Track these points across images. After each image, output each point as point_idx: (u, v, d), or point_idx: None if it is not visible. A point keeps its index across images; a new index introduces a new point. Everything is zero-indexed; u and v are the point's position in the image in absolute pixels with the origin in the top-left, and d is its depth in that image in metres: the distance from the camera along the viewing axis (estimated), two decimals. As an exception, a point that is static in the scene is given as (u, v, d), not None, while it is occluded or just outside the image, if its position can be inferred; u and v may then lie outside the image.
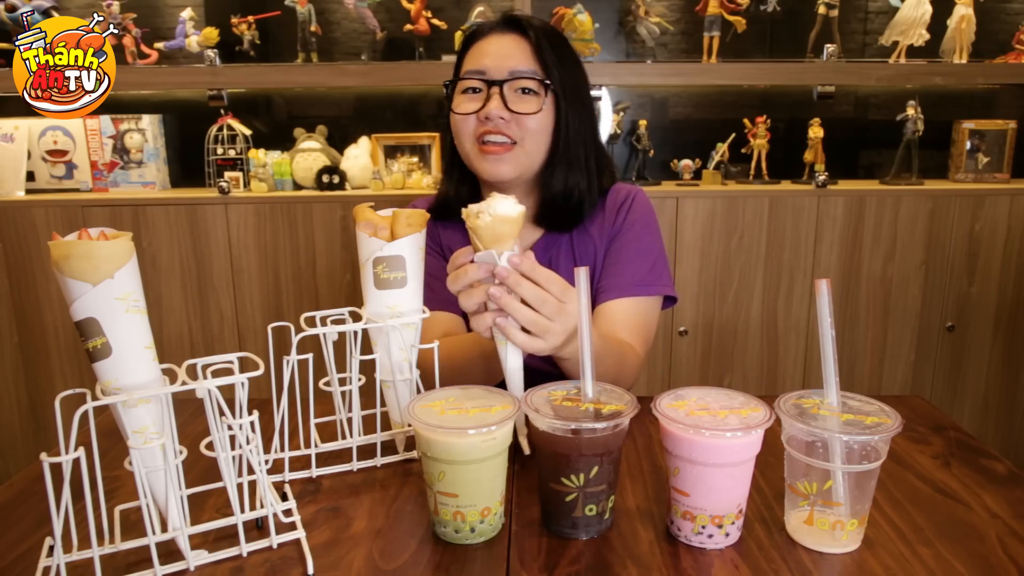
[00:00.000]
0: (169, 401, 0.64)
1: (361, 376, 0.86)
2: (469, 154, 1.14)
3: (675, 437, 0.67)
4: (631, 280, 1.15)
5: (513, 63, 1.11)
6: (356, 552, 0.69)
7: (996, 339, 2.14)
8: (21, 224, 2.03)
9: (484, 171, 1.12)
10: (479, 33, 1.17)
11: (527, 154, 1.12)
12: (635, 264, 1.16)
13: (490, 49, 1.13)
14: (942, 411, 1.04)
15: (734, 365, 2.14)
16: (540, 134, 1.12)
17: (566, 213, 1.17)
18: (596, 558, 0.67)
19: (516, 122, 1.10)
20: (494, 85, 1.10)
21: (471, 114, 1.11)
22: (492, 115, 1.09)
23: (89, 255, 0.59)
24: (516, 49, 1.12)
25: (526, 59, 1.11)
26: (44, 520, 0.71)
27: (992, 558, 0.67)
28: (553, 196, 1.15)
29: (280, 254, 2.06)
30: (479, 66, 1.12)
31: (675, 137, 2.43)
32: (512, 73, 1.10)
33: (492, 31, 1.15)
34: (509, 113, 1.09)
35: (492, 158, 1.10)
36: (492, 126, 1.09)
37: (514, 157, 1.11)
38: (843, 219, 2.06)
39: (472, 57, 1.15)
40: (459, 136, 1.14)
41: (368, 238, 0.84)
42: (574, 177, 1.15)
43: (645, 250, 1.18)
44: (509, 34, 1.14)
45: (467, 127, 1.12)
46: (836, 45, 2.13)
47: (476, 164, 1.13)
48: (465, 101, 1.13)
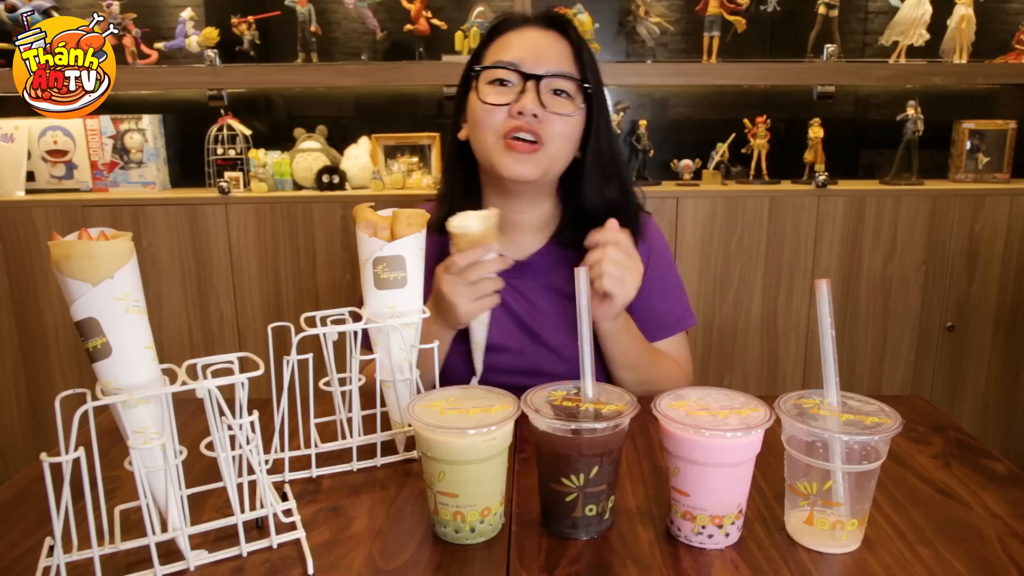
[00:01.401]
0: (169, 401, 0.64)
1: (361, 376, 0.86)
2: (491, 149, 1.05)
3: (675, 437, 0.67)
4: (664, 322, 1.16)
5: (551, 61, 1.05)
6: (356, 552, 0.69)
7: (996, 339, 2.14)
8: (21, 224, 2.03)
9: (506, 168, 1.04)
10: (510, 24, 1.10)
11: (551, 157, 1.06)
12: (665, 304, 1.16)
13: (526, 43, 1.07)
14: (942, 411, 1.04)
15: (734, 365, 2.14)
16: (568, 139, 1.07)
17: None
18: (596, 558, 0.67)
19: (547, 122, 1.03)
20: (530, 79, 1.03)
21: (502, 106, 1.04)
22: (527, 110, 1.02)
23: (89, 255, 0.59)
24: (555, 47, 1.07)
25: (565, 60, 1.06)
26: (44, 520, 0.71)
27: (992, 558, 0.67)
28: (592, 210, 1.09)
29: (280, 254, 2.06)
30: (513, 58, 1.05)
31: (675, 137, 2.43)
32: (550, 71, 1.04)
33: (528, 24, 1.09)
34: (543, 111, 1.03)
35: (517, 155, 1.03)
36: (524, 122, 1.02)
37: (538, 159, 1.05)
38: (843, 219, 2.06)
39: (502, 47, 1.07)
40: (482, 127, 1.06)
41: (368, 238, 0.84)
42: (611, 188, 1.11)
43: (671, 286, 1.18)
44: (548, 31, 1.08)
45: (494, 119, 1.04)
46: (836, 45, 2.13)
47: (497, 159, 1.05)
48: (493, 92, 1.06)
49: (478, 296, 0.96)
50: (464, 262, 0.94)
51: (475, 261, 0.94)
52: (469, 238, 0.93)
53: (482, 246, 0.94)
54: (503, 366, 1.08)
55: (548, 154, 1.05)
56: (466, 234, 0.93)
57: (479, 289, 0.95)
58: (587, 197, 1.11)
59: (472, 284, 0.95)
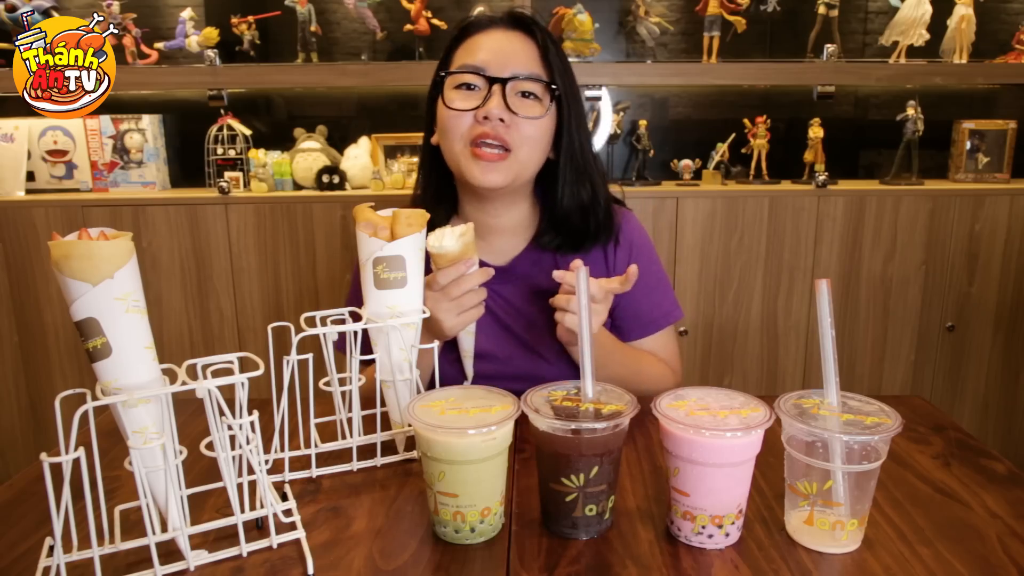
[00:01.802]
0: (169, 401, 0.64)
1: (361, 376, 0.86)
2: (459, 156, 1.04)
3: (675, 437, 0.67)
4: (651, 317, 1.16)
5: (517, 63, 1.03)
6: (356, 552, 0.69)
7: (996, 339, 2.14)
8: (21, 224, 2.03)
9: (473, 177, 1.03)
10: (477, 26, 1.07)
11: (520, 163, 1.04)
12: (650, 299, 1.16)
13: (491, 45, 1.05)
14: (942, 411, 1.04)
15: (734, 365, 2.14)
16: (537, 141, 1.05)
17: (583, 228, 1.11)
18: (596, 558, 0.67)
19: (515, 126, 1.02)
20: (496, 83, 1.01)
21: (467, 111, 1.02)
22: (492, 115, 1.00)
23: (89, 255, 0.59)
24: (521, 49, 1.05)
25: (531, 61, 1.04)
26: (44, 520, 0.71)
27: (992, 558, 0.67)
28: (566, 211, 1.10)
29: (280, 254, 2.06)
30: (478, 61, 1.03)
31: (675, 137, 2.43)
32: (516, 73, 1.02)
33: (493, 26, 1.07)
34: (510, 115, 1.01)
35: (484, 164, 1.02)
36: (490, 128, 1.01)
37: (507, 166, 1.03)
38: (843, 219, 2.06)
39: (468, 51, 1.06)
40: (448, 133, 1.05)
41: (368, 238, 0.84)
42: (584, 189, 1.10)
43: (655, 283, 1.17)
44: (513, 32, 1.06)
45: (460, 125, 1.03)
46: (836, 45, 2.13)
47: (465, 168, 1.04)
48: (459, 97, 1.04)
49: (462, 310, 0.96)
50: (445, 280, 0.93)
51: (456, 277, 0.94)
52: (448, 257, 0.93)
53: (462, 261, 0.94)
54: (491, 373, 1.07)
55: (517, 161, 1.04)
56: (444, 254, 0.93)
57: (462, 303, 0.95)
58: (561, 199, 1.10)
59: (455, 299, 0.95)
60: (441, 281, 0.94)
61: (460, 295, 0.94)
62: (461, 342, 1.03)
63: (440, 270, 0.94)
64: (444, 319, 0.95)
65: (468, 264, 0.94)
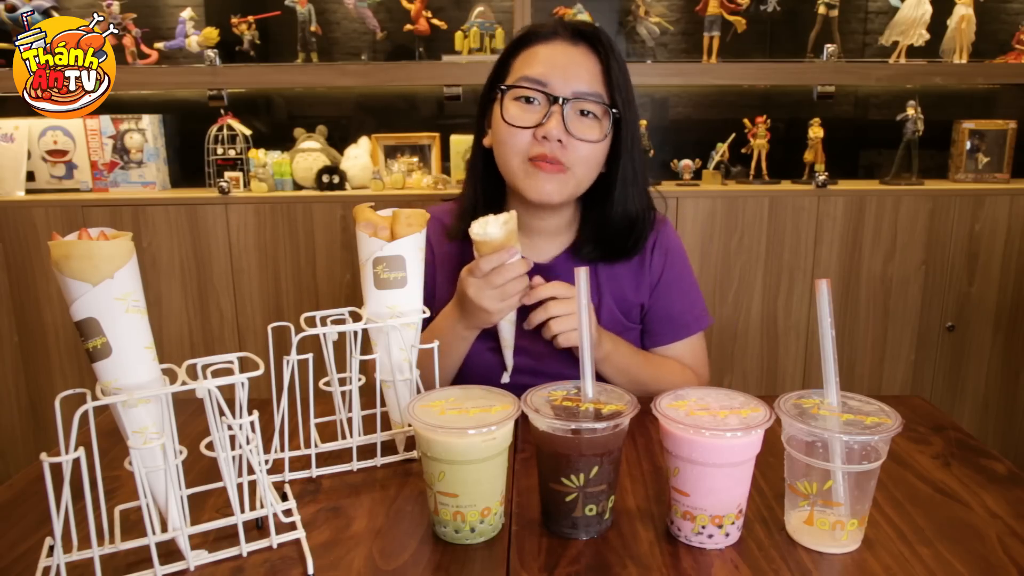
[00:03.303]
0: (169, 401, 0.64)
1: (361, 376, 0.86)
2: (516, 171, 1.05)
3: (675, 437, 0.67)
4: (682, 322, 1.17)
5: (579, 81, 1.02)
6: (356, 552, 0.69)
7: (996, 339, 2.14)
8: (21, 224, 2.03)
9: (531, 191, 1.04)
10: (539, 36, 1.06)
11: (576, 181, 1.05)
12: (682, 304, 1.17)
13: (554, 58, 1.03)
14: (942, 411, 1.04)
15: (734, 365, 2.14)
16: (594, 161, 1.05)
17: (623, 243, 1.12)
18: (596, 558, 0.67)
19: (572, 148, 1.02)
20: (556, 102, 1.01)
21: (527, 128, 1.02)
22: (551, 135, 1.00)
23: (89, 255, 0.59)
24: (584, 66, 1.03)
25: (594, 79, 1.03)
26: (44, 520, 0.71)
27: (992, 558, 0.67)
28: (612, 226, 1.10)
29: (280, 254, 2.06)
30: (539, 75, 1.02)
31: (675, 137, 2.43)
32: (577, 93, 1.01)
33: (557, 37, 1.05)
34: (568, 137, 1.01)
35: (543, 176, 1.02)
36: (547, 148, 1.01)
37: (563, 180, 1.04)
38: (843, 219, 2.06)
39: (529, 62, 1.04)
40: (505, 147, 1.05)
41: (368, 238, 0.84)
42: (634, 206, 1.10)
43: (687, 289, 1.18)
44: (578, 46, 1.05)
45: (518, 141, 1.03)
46: (836, 45, 2.13)
47: (522, 182, 1.04)
48: (519, 111, 1.03)
49: (505, 298, 0.97)
50: (488, 266, 0.94)
51: (499, 265, 0.95)
52: (491, 244, 0.94)
53: (505, 249, 0.94)
54: (519, 367, 1.08)
55: (574, 178, 1.05)
56: (488, 241, 0.94)
57: (505, 291, 0.96)
58: (612, 216, 1.10)
59: (498, 287, 0.95)
60: (484, 268, 0.94)
61: (503, 283, 0.95)
62: (502, 331, 1.03)
63: (483, 257, 0.95)
64: (488, 306, 0.96)
65: (511, 252, 0.95)
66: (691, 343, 1.18)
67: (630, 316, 1.16)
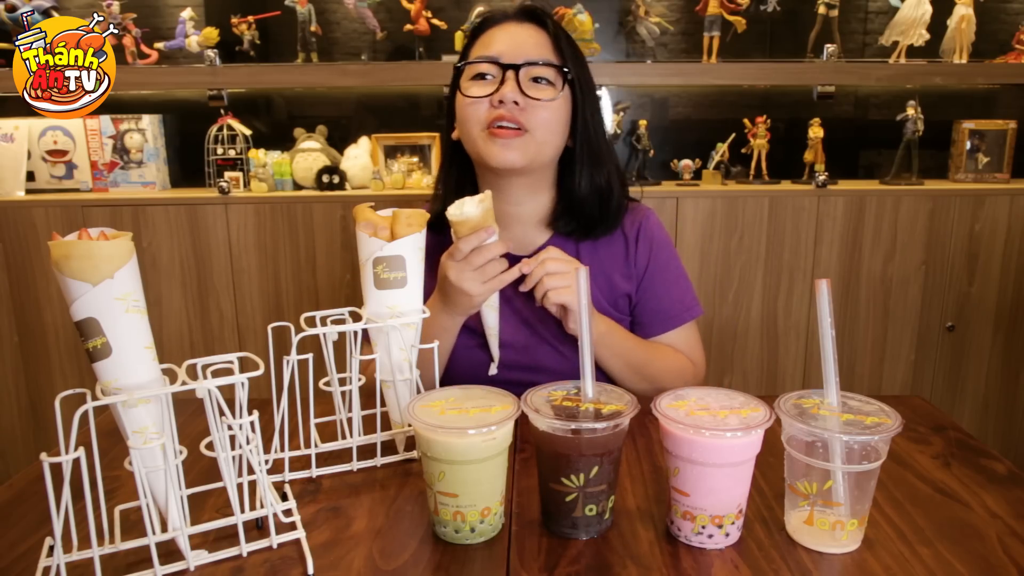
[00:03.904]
0: (169, 401, 0.64)
1: (361, 376, 0.86)
2: (476, 140, 1.07)
3: (675, 437, 0.67)
4: (671, 313, 1.17)
5: (530, 51, 1.07)
6: (356, 552, 0.69)
7: (996, 339, 2.14)
8: (21, 224, 2.03)
9: (492, 156, 1.05)
10: (492, 21, 1.12)
11: (536, 143, 1.06)
12: (671, 294, 1.17)
13: (504, 37, 1.09)
14: (942, 411, 1.04)
15: (734, 365, 2.14)
16: (553, 124, 1.07)
17: (596, 215, 1.13)
18: (596, 558, 0.67)
19: (529, 109, 1.05)
20: (509, 69, 1.05)
21: (483, 98, 1.06)
22: (507, 98, 1.03)
23: (89, 255, 0.59)
24: (533, 39, 1.08)
25: (544, 49, 1.08)
26: (44, 520, 0.71)
27: (992, 558, 0.67)
28: (582, 197, 1.12)
29: (280, 254, 2.06)
30: (493, 52, 1.07)
31: (675, 137, 2.43)
32: (529, 59, 1.06)
33: (507, 20, 1.11)
34: (524, 98, 1.04)
35: (501, 142, 1.05)
36: (505, 111, 1.04)
37: (523, 144, 1.05)
38: (843, 219, 2.06)
39: (483, 44, 1.10)
40: (466, 121, 1.08)
41: (368, 238, 0.84)
42: (600, 175, 1.12)
43: (675, 277, 1.19)
44: (526, 24, 1.10)
45: (476, 112, 1.06)
46: (836, 45, 2.13)
47: (483, 149, 1.06)
48: (475, 86, 1.08)
49: (486, 279, 0.97)
50: (468, 247, 0.95)
51: (478, 245, 0.96)
52: (469, 224, 0.95)
53: (483, 229, 0.95)
54: (510, 362, 1.09)
55: (534, 140, 1.06)
56: (465, 220, 0.94)
57: (486, 272, 0.97)
58: (579, 184, 1.11)
59: (478, 268, 0.96)
60: (464, 248, 0.95)
61: (483, 263, 0.96)
62: (486, 318, 1.04)
63: (461, 238, 0.95)
64: (470, 288, 0.96)
65: (489, 232, 0.95)
66: (683, 332, 1.18)
67: (618, 306, 1.16)
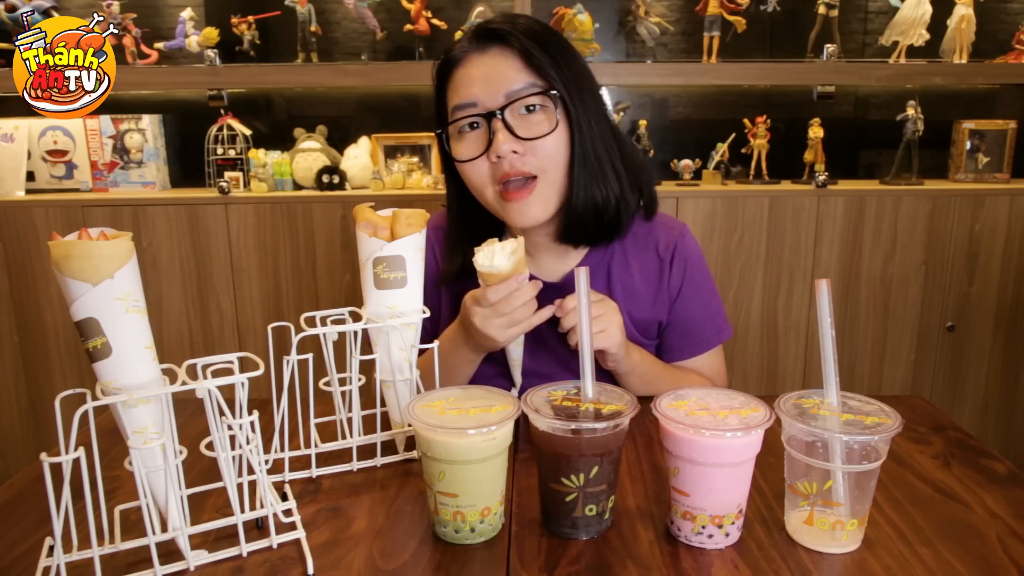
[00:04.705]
0: (169, 401, 0.64)
1: (361, 376, 0.86)
2: (493, 204, 1.01)
3: (675, 437, 0.67)
4: (702, 336, 1.14)
5: (506, 82, 0.96)
6: (356, 552, 0.69)
7: (996, 339, 2.14)
8: (21, 224, 2.03)
9: (514, 221, 1.00)
10: (454, 61, 1.01)
11: (551, 184, 0.99)
12: (703, 317, 1.14)
13: (474, 74, 0.98)
14: (942, 411, 1.04)
15: (734, 365, 2.13)
16: (560, 157, 0.98)
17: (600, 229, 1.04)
18: (596, 558, 0.67)
19: (531, 152, 0.97)
20: (493, 117, 0.96)
21: (478, 158, 0.98)
22: (503, 152, 0.95)
23: (89, 255, 0.59)
24: (503, 65, 0.97)
25: (519, 72, 0.97)
26: (44, 520, 0.71)
27: (992, 558, 0.67)
28: (581, 214, 1.01)
29: (280, 254, 2.06)
30: (469, 98, 0.98)
31: (675, 137, 2.43)
32: (509, 96, 0.96)
33: (468, 53, 1.00)
34: (520, 143, 0.96)
35: (517, 204, 0.98)
36: (507, 166, 0.96)
37: (540, 194, 0.98)
38: (843, 219, 2.06)
39: (456, 89, 1.00)
40: (475, 187, 1.01)
41: (368, 238, 0.84)
42: (602, 187, 1.01)
43: (708, 300, 1.15)
44: (490, 50, 0.99)
45: (480, 174, 0.99)
46: (836, 45, 2.13)
47: (503, 214, 1.01)
48: (466, 143, 1.00)
49: (512, 324, 0.93)
50: (496, 297, 0.90)
51: (507, 294, 0.90)
52: (499, 276, 0.90)
53: (513, 278, 0.90)
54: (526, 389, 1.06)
55: (548, 182, 0.99)
56: (495, 273, 0.89)
57: (513, 318, 0.92)
58: (576, 202, 1.01)
59: (505, 315, 0.91)
60: (492, 298, 0.90)
61: (511, 311, 0.91)
62: (510, 352, 1.04)
63: (490, 287, 0.90)
64: (496, 335, 0.93)
65: (520, 280, 0.90)
66: (710, 357, 1.15)
67: (647, 333, 1.13)
